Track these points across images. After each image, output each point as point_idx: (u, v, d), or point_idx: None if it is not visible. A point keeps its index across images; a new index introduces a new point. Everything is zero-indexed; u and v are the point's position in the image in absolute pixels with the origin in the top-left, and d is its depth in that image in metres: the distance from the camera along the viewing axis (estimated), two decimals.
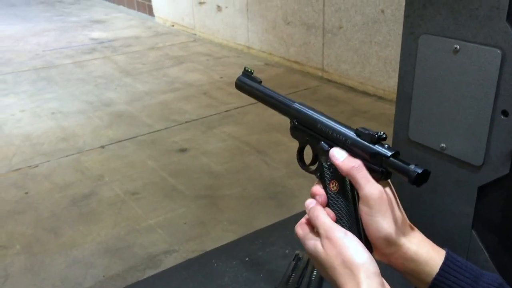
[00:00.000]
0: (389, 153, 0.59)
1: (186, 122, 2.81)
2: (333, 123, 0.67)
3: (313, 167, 0.70)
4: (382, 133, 0.60)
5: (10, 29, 5.16)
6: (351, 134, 0.64)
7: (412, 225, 0.62)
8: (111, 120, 2.86)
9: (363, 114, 2.86)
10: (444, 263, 0.58)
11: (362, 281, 0.55)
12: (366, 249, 0.59)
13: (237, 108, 2.96)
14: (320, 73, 3.54)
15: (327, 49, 3.41)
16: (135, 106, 3.06)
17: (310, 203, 0.66)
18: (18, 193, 2.10)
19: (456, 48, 0.85)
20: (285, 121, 0.76)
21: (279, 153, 2.38)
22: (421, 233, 0.62)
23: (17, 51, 4.34)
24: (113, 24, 5.34)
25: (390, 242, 0.59)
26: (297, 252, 1.10)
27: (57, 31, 5.05)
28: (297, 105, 0.73)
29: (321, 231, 0.61)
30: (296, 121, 0.72)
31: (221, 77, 3.57)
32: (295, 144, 0.74)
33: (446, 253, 0.60)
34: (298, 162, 0.74)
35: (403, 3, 0.95)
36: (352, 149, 0.63)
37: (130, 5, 5.98)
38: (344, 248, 0.58)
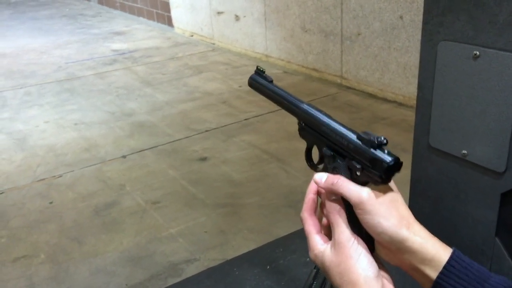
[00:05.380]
0: (389, 159, 0.60)
1: (206, 131, 2.83)
2: (337, 126, 0.68)
3: (321, 167, 0.72)
4: (383, 138, 0.61)
5: (34, 42, 5.29)
6: (354, 138, 0.65)
7: (418, 223, 0.63)
8: (132, 130, 2.90)
9: (383, 120, 2.85)
10: (449, 261, 0.58)
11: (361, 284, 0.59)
12: (370, 259, 0.61)
13: (257, 116, 2.97)
14: (339, 80, 3.53)
15: (346, 56, 3.41)
16: (155, 116, 3.10)
17: (333, 206, 0.66)
18: (42, 203, 2.14)
19: (475, 54, 0.85)
20: None
21: (299, 161, 2.38)
22: (427, 231, 0.62)
23: (41, 64, 4.44)
24: (133, 36, 5.43)
25: (391, 236, 0.60)
26: None
27: (79, 44, 5.15)
28: (305, 106, 0.74)
29: (336, 236, 0.63)
30: (303, 123, 0.74)
31: (240, 86, 3.59)
32: (314, 152, 0.75)
33: (452, 251, 0.59)
34: (306, 161, 0.76)
35: (422, 9, 0.95)
36: (353, 153, 0.64)
37: (150, 17, 6.07)
38: (350, 258, 0.61)
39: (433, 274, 0.59)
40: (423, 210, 1.07)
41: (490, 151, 0.87)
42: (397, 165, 0.60)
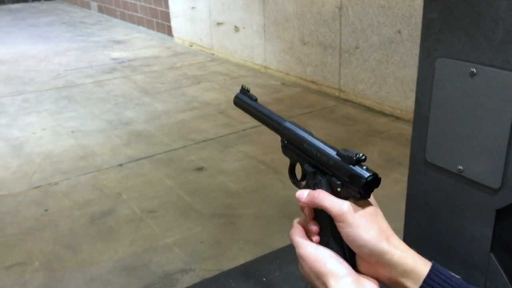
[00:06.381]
0: (367, 175, 0.61)
1: (203, 141, 2.83)
2: (318, 143, 0.70)
3: (303, 183, 0.74)
4: (361, 154, 0.63)
5: (34, 49, 5.30)
6: (333, 154, 0.66)
7: (397, 236, 0.64)
8: (129, 139, 2.90)
9: (380, 134, 2.86)
10: (429, 274, 0.59)
11: (331, 286, 0.60)
12: (336, 255, 0.63)
13: (254, 127, 2.98)
14: (337, 93, 3.55)
15: (344, 69, 3.43)
16: (153, 125, 3.10)
17: (294, 226, 0.72)
18: (38, 210, 2.13)
19: (472, 71, 0.86)
20: None
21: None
22: (405, 244, 0.63)
23: (39, 71, 4.45)
24: (133, 44, 5.45)
25: (372, 249, 0.61)
26: None
27: (78, 51, 5.17)
28: (288, 124, 0.77)
29: (297, 250, 0.67)
30: (286, 140, 0.76)
31: None
32: (298, 170, 0.77)
33: (432, 265, 0.61)
34: (289, 178, 0.79)
35: (420, 24, 0.96)
36: (333, 170, 0.66)
37: (149, 26, 6.10)
38: (314, 261, 0.63)
39: (414, 287, 0.60)
40: (419, 224, 1.08)
41: (485, 168, 0.88)
42: (375, 180, 0.62)
